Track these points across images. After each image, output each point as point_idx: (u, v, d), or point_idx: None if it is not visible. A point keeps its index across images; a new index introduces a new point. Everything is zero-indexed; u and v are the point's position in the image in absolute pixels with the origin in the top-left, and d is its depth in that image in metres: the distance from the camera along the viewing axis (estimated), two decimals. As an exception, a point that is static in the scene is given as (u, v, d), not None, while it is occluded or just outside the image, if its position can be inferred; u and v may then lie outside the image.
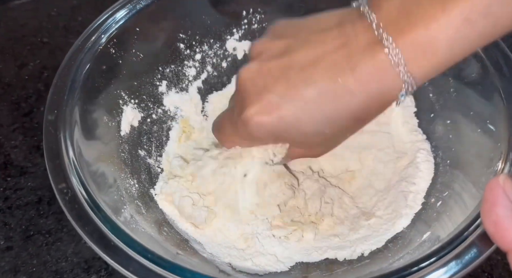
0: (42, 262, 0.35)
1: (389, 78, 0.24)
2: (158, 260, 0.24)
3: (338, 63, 0.24)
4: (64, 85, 0.30)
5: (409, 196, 0.33)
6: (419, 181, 0.34)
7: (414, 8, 0.23)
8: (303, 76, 0.25)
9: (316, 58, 0.25)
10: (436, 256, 0.23)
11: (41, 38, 0.51)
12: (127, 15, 0.34)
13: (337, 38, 0.25)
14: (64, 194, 0.26)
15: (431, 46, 0.22)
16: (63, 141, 0.28)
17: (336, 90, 0.25)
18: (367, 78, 0.24)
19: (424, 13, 0.22)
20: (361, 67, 0.24)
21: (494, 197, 0.19)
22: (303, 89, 0.25)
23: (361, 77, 0.24)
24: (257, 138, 0.29)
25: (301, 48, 0.26)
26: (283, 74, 0.26)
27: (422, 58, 0.23)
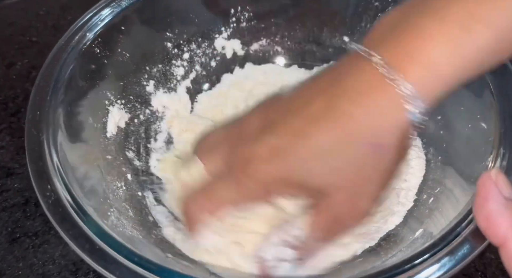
0: (28, 265, 0.34)
1: (386, 97, 0.22)
2: (145, 264, 0.24)
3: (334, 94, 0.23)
4: (47, 85, 0.30)
5: (401, 193, 0.33)
6: (410, 177, 0.34)
7: (406, 25, 0.22)
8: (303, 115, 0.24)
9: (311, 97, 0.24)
10: (429, 253, 0.23)
11: (30, 37, 0.50)
12: (112, 14, 0.34)
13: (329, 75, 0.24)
14: (47, 197, 0.26)
15: (430, 61, 0.21)
16: (46, 144, 0.27)
17: (337, 119, 0.23)
18: (363, 100, 0.22)
19: (417, 27, 0.21)
20: (353, 90, 0.23)
21: (486, 191, 0.19)
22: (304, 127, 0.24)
23: (356, 98, 0.22)
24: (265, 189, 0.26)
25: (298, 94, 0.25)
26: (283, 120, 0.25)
27: (422, 76, 0.21)
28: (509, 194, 0.19)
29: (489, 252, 0.33)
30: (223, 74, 0.42)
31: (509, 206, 0.19)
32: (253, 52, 0.43)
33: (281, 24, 0.42)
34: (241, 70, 0.43)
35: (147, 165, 0.37)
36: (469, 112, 0.31)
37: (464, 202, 0.25)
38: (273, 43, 0.42)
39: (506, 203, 0.19)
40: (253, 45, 0.42)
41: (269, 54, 0.43)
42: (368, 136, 0.23)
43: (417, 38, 0.21)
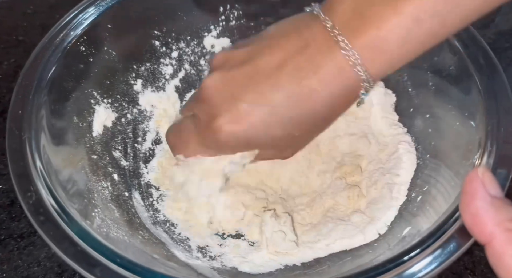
0: (12, 268, 0.34)
1: (350, 78, 0.25)
2: (129, 265, 0.24)
3: (302, 67, 0.26)
4: (29, 84, 0.29)
5: (394, 188, 0.33)
6: (403, 172, 0.34)
7: (367, 10, 0.24)
8: (270, 81, 0.26)
9: (280, 63, 0.26)
10: (416, 251, 0.23)
11: (17, 36, 0.50)
12: (98, 11, 0.33)
13: (297, 42, 0.26)
14: (28, 198, 0.25)
15: (384, 46, 0.24)
16: (28, 146, 0.26)
17: (302, 93, 0.26)
18: (329, 79, 0.25)
19: (376, 14, 0.23)
20: (323, 68, 0.25)
21: (473, 189, 0.19)
22: (271, 94, 0.26)
23: (324, 78, 0.25)
24: (227, 147, 0.29)
25: (263, 55, 0.27)
26: (250, 81, 0.27)
27: (376, 58, 0.24)
28: (495, 192, 0.19)
29: (478, 250, 0.33)
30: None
31: (495, 204, 0.19)
32: (243, 51, 0.42)
33: (270, 23, 0.41)
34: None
35: (134, 164, 0.37)
36: (457, 110, 0.31)
37: (452, 199, 0.25)
38: (262, 41, 0.42)
39: (492, 201, 0.19)
40: (242, 43, 0.42)
41: (259, 53, 0.43)
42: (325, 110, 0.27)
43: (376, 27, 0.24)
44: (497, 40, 0.48)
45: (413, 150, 0.34)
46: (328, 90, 0.25)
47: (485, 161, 0.25)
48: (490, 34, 0.49)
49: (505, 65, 0.31)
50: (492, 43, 0.48)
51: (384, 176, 0.33)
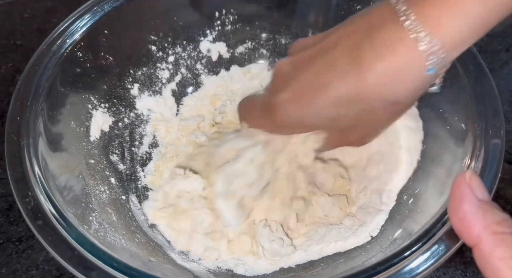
0: (11, 271, 0.34)
1: (412, 53, 0.23)
2: (125, 270, 0.24)
3: (360, 43, 0.24)
4: (28, 90, 0.29)
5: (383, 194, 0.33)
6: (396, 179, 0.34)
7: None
8: (326, 59, 0.26)
9: (337, 41, 0.26)
10: (407, 253, 0.24)
11: (14, 41, 0.50)
12: (95, 18, 0.34)
13: (360, 21, 0.25)
14: (26, 204, 0.25)
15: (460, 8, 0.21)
16: (26, 152, 0.27)
17: (360, 72, 0.24)
18: (385, 51, 0.23)
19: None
20: (379, 40, 0.23)
21: (461, 193, 0.20)
22: (325, 73, 0.26)
23: (380, 50, 0.23)
24: (284, 124, 0.29)
25: (329, 36, 0.27)
26: (311, 62, 0.27)
27: (448, 18, 0.22)
28: (482, 195, 0.20)
29: (469, 251, 0.34)
30: (209, 77, 0.42)
31: (482, 207, 0.19)
32: (239, 55, 0.43)
33: (266, 27, 0.42)
34: (226, 73, 0.43)
35: (131, 168, 0.37)
36: (447, 114, 0.31)
37: (442, 202, 0.26)
38: (258, 45, 0.43)
39: (479, 204, 0.19)
40: (238, 47, 0.42)
41: (254, 57, 0.43)
42: (388, 94, 0.25)
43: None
44: (490, 42, 0.49)
45: (414, 164, 0.34)
46: (385, 64, 0.23)
47: (474, 164, 0.26)
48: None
49: (498, 67, 0.31)
50: (485, 45, 0.49)
51: (372, 183, 0.34)
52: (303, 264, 0.32)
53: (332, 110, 0.26)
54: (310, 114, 0.27)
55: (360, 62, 0.24)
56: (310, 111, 0.27)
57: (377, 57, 0.23)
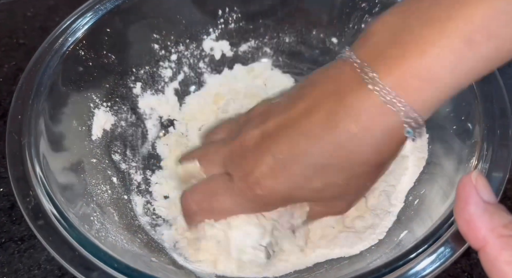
0: (13, 271, 0.34)
1: (388, 117, 0.22)
2: (127, 271, 0.24)
3: (333, 110, 0.23)
4: (29, 88, 0.29)
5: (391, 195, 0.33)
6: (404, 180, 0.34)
7: (407, 35, 0.21)
8: (303, 130, 0.25)
9: (310, 109, 0.24)
10: (412, 255, 0.23)
11: (17, 39, 0.50)
12: (97, 16, 0.33)
13: (327, 86, 0.24)
14: (27, 203, 0.25)
15: (430, 75, 0.21)
16: (27, 151, 0.27)
17: (338, 138, 0.24)
18: (365, 119, 0.23)
19: (419, 39, 0.21)
20: (356, 109, 0.23)
21: (466, 195, 0.19)
22: (305, 144, 0.24)
23: (359, 118, 0.23)
24: (267, 203, 0.28)
25: (294, 105, 0.26)
26: (284, 133, 0.25)
27: (422, 90, 0.21)
28: (488, 197, 0.19)
29: (475, 252, 0.33)
30: (211, 76, 0.42)
31: (488, 209, 0.19)
32: (242, 53, 0.42)
33: (269, 25, 0.41)
34: (229, 71, 0.42)
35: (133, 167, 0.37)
36: (453, 114, 0.31)
37: (448, 203, 0.25)
38: (261, 44, 0.42)
39: (485, 206, 0.19)
40: (241, 46, 0.42)
41: (258, 55, 0.43)
42: (371, 158, 0.24)
43: (420, 52, 0.21)
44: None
45: (421, 167, 0.33)
46: (367, 131, 0.23)
47: (481, 165, 0.25)
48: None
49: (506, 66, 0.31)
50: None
51: (380, 184, 0.33)
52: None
53: (318, 179, 0.25)
54: (298, 186, 0.26)
55: (335, 127, 0.23)
56: (297, 183, 0.25)
57: (352, 120, 0.23)
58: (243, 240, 0.29)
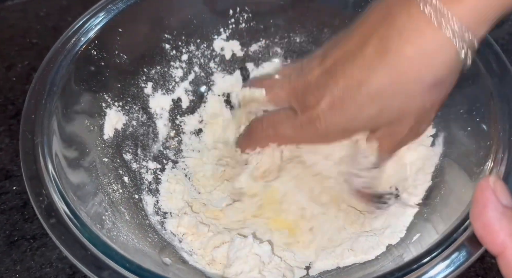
0: (25, 268, 0.34)
1: (438, 40, 0.23)
2: (137, 270, 0.24)
3: (384, 35, 0.24)
4: (42, 88, 0.30)
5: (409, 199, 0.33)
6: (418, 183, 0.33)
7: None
8: (355, 61, 0.26)
9: (364, 40, 0.25)
10: (425, 259, 0.23)
11: (30, 39, 0.50)
12: (109, 16, 0.34)
13: (378, 15, 0.25)
14: (40, 202, 0.25)
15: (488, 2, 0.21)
16: (40, 150, 0.27)
17: (393, 62, 0.24)
18: (416, 38, 0.23)
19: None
20: (406, 28, 0.23)
21: (484, 199, 0.19)
22: (357, 74, 0.25)
23: (410, 39, 0.23)
24: (329, 134, 0.29)
25: (351, 37, 0.27)
26: (340, 67, 0.27)
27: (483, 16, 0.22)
28: (507, 201, 0.19)
29: (489, 256, 0.33)
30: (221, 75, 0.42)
31: (506, 213, 0.18)
32: (252, 53, 0.42)
33: (280, 25, 0.41)
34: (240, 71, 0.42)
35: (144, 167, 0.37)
36: (469, 115, 0.30)
37: (463, 207, 0.25)
38: (272, 44, 0.42)
39: (504, 210, 0.18)
40: (252, 46, 0.42)
41: (268, 55, 0.42)
42: (425, 75, 0.24)
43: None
44: (511, 40, 0.48)
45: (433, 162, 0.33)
46: (414, 46, 0.23)
47: (497, 168, 0.25)
48: (503, 34, 0.48)
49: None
50: (506, 44, 0.47)
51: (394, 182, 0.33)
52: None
53: (373, 106, 0.26)
54: (353, 116, 0.27)
55: (389, 51, 0.24)
56: (352, 114, 0.27)
57: (405, 41, 0.23)
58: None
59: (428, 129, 0.34)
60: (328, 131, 0.29)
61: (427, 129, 0.32)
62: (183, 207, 0.35)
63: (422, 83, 0.25)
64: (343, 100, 0.27)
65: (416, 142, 0.34)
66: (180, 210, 0.35)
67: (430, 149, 0.33)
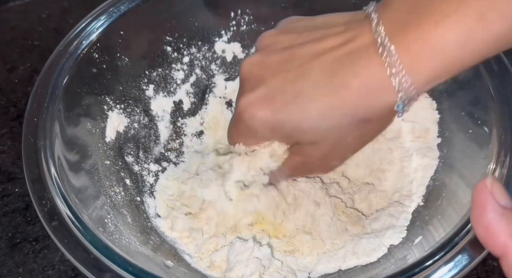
0: (28, 271, 0.35)
1: (384, 85, 0.23)
2: (140, 274, 0.24)
3: (338, 59, 0.24)
4: (44, 92, 0.30)
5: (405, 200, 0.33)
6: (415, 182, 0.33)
7: (427, 5, 0.22)
8: (301, 70, 0.25)
9: (317, 53, 0.25)
10: (427, 262, 0.23)
11: (32, 41, 0.51)
12: (111, 19, 0.34)
13: (342, 36, 0.25)
14: (43, 206, 0.25)
15: (440, 45, 0.21)
16: (43, 153, 0.27)
17: (332, 84, 0.24)
18: (366, 79, 0.23)
19: (436, 9, 0.21)
20: (359, 66, 0.23)
21: (483, 201, 0.19)
22: (299, 83, 0.25)
23: (360, 75, 0.23)
24: (254, 131, 0.28)
25: (305, 44, 0.26)
26: (282, 68, 0.26)
27: (428, 58, 0.22)
28: (505, 202, 0.19)
29: (491, 259, 0.33)
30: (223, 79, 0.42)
31: (506, 214, 0.18)
32: (254, 55, 0.42)
33: (281, 27, 0.41)
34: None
35: (146, 169, 0.37)
36: (470, 118, 0.30)
37: (465, 210, 0.25)
38: (273, 46, 0.42)
39: (503, 211, 0.18)
40: (253, 48, 0.42)
41: (270, 57, 0.42)
42: (359, 109, 0.24)
43: (434, 23, 0.21)
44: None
45: (435, 163, 0.33)
46: (363, 88, 0.23)
47: (499, 170, 0.25)
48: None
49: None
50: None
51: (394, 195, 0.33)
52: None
53: (305, 120, 0.25)
54: (281, 121, 0.26)
55: (337, 77, 0.24)
56: (280, 119, 0.26)
57: (354, 74, 0.23)
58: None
59: (431, 131, 0.34)
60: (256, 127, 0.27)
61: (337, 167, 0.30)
62: (172, 209, 0.35)
63: (353, 117, 0.25)
64: (274, 100, 0.26)
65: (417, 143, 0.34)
66: (169, 212, 0.35)
67: (431, 151, 0.33)
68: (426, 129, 0.34)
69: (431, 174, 0.33)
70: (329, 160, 0.29)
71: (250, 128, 0.27)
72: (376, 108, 0.24)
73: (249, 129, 0.28)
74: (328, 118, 0.25)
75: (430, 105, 0.34)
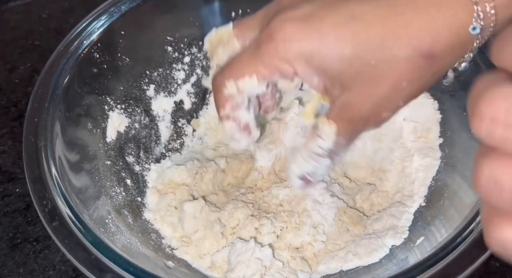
0: (28, 271, 0.34)
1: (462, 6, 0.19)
2: (141, 274, 0.24)
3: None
4: (45, 92, 0.30)
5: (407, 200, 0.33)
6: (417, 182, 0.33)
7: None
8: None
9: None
10: (430, 263, 0.23)
11: (32, 41, 0.51)
12: (111, 19, 0.34)
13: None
14: (44, 206, 0.25)
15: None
16: (43, 154, 0.27)
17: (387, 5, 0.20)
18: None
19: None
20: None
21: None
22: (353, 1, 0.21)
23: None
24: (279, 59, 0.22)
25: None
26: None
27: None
28: None
29: (493, 260, 0.33)
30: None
31: None
32: (255, 55, 0.42)
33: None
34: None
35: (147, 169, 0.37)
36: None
37: (466, 211, 0.25)
38: (274, 46, 0.42)
39: None
40: (254, 48, 0.42)
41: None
42: (422, 42, 0.20)
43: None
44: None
45: (437, 162, 0.33)
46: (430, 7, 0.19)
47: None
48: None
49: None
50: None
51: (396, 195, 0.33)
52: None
53: (348, 39, 0.20)
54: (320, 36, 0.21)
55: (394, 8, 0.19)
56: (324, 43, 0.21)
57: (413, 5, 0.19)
58: None
59: (433, 131, 0.33)
60: (287, 51, 0.21)
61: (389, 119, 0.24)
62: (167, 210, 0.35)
63: (414, 49, 0.20)
64: (313, 14, 0.21)
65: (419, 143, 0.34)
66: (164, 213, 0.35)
67: (433, 151, 0.33)
68: (427, 129, 0.34)
69: (433, 174, 0.33)
70: (381, 109, 0.23)
71: (278, 53, 0.22)
72: (443, 35, 0.19)
73: (273, 56, 0.22)
74: (384, 48, 0.20)
75: (431, 105, 0.34)
